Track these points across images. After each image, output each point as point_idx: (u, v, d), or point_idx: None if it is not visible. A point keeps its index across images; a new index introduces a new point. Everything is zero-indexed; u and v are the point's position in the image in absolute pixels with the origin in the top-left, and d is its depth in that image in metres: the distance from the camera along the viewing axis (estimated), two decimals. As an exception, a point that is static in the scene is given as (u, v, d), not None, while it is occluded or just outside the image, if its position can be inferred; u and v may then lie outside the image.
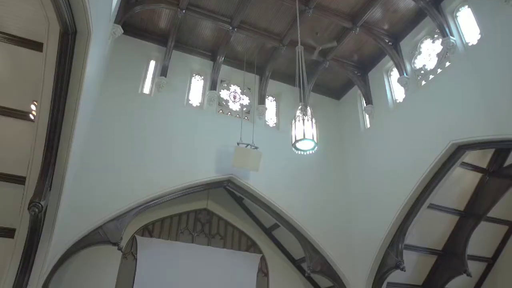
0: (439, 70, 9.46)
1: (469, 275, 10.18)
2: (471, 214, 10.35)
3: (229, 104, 11.59)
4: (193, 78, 11.50)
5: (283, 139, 10.60)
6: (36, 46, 6.10)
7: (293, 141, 8.59)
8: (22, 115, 7.15)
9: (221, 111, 11.28)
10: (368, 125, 11.39)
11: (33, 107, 6.78)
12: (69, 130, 6.31)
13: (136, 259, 10.23)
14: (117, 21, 9.41)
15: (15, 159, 7.20)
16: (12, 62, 6.70)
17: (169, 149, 9.68)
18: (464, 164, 9.35)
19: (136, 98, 10.13)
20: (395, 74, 10.95)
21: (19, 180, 7.17)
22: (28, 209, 6.20)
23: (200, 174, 9.75)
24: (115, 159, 9.02)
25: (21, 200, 6.81)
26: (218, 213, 11.84)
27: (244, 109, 11.67)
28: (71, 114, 6.17)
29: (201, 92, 11.38)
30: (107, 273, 9.65)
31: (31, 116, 6.86)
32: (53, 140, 6.21)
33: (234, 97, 11.82)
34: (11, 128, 7.24)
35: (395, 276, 10.05)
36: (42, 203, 6.28)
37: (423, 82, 9.86)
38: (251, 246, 11.97)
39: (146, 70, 10.94)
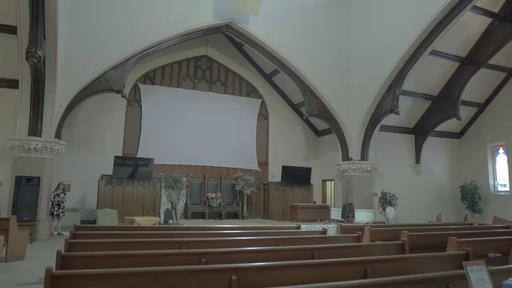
0: None
1: (459, 119, 10.72)
2: (472, 60, 10.30)
3: None
4: None
5: (285, -20, 9.87)
6: None
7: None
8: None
9: None
10: (379, -38, 10.36)
11: None
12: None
13: (140, 106, 10.66)
14: None
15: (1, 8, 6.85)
16: None
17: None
18: (475, 8, 8.85)
19: None
20: None
21: (12, 30, 6.95)
22: (26, 59, 6.18)
23: (198, 19, 9.31)
24: (110, 5, 8.51)
25: (17, 51, 6.73)
26: (218, 59, 11.80)
27: None
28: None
29: None
30: (115, 119, 10.22)
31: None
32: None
33: None
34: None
35: (389, 120, 10.65)
36: (39, 52, 6.22)
37: None
38: (252, 92, 12.29)
39: None
